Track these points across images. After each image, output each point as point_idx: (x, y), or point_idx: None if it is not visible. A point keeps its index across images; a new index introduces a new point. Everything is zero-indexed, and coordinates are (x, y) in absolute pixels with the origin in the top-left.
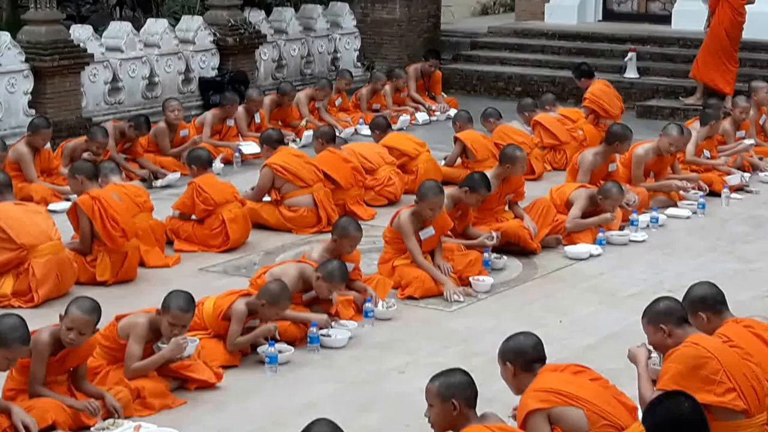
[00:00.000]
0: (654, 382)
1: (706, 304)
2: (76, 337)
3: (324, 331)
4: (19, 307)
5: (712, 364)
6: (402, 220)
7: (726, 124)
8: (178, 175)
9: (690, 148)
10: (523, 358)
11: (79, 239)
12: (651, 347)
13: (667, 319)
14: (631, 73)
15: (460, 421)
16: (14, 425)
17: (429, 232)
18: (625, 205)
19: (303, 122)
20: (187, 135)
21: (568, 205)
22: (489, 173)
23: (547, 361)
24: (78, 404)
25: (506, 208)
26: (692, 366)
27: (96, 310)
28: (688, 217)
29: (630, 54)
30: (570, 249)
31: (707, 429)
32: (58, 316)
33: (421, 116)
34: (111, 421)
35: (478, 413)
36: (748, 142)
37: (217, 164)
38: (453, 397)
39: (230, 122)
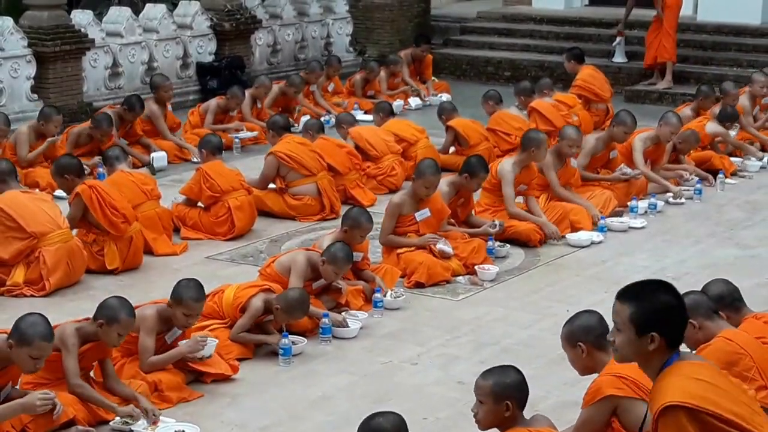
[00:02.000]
0: None
1: (724, 303)
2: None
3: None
4: (31, 295)
5: (746, 360)
6: (393, 201)
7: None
8: (164, 154)
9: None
10: (593, 335)
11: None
12: None
13: (696, 312)
14: (619, 58)
15: (509, 423)
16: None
17: (425, 213)
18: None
19: (297, 108)
20: None
21: (540, 170)
22: (511, 160)
23: (558, 352)
24: (105, 403)
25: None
26: (726, 362)
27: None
28: (682, 203)
29: (618, 38)
30: (571, 237)
31: None
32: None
33: (414, 101)
34: (128, 417)
35: None
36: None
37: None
38: (507, 398)
39: (233, 113)
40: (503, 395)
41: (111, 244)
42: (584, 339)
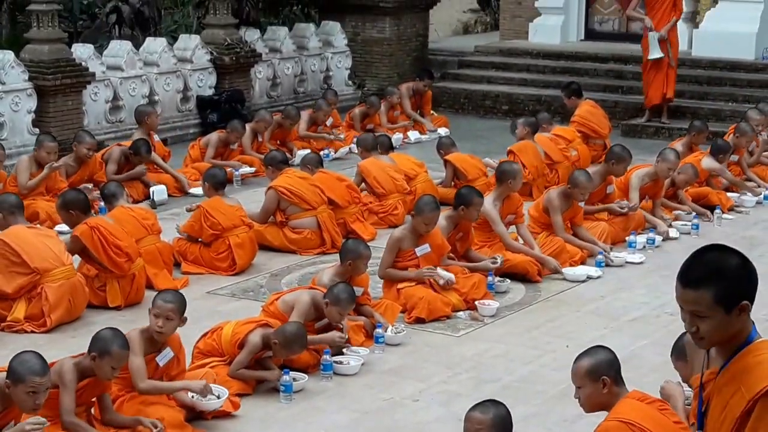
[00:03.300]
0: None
1: None
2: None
3: (337, 358)
4: (32, 331)
5: None
6: (393, 236)
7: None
8: (164, 187)
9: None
10: (615, 369)
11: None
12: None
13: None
14: (655, 53)
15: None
16: None
17: (425, 248)
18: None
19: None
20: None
21: (546, 210)
22: (490, 197)
23: (559, 388)
24: None
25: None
26: None
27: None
28: (676, 238)
29: (652, 34)
30: (568, 271)
31: None
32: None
33: (413, 135)
34: None
35: None
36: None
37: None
38: (602, 375)
39: (233, 146)
40: (598, 373)
41: (113, 281)
42: (608, 373)
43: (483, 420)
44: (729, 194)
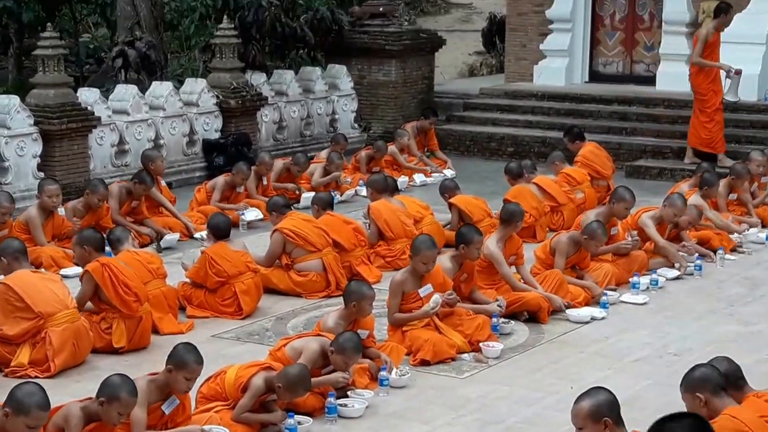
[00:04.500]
0: None
1: (727, 381)
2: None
3: (341, 401)
4: (36, 377)
5: None
6: (395, 280)
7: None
8: (177, 236)
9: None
10: (615, 410)
11: (76, 302)
12: None
13: (703, 387)
14: (730, 96)
15: None
16: None
17: (428, 289)
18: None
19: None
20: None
21: (552, 252)
22: (493, 238)
23: (562, 429)
24: None
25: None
26: None
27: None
28: (677, 277)
29: (736, 77)
30: (571, 313)
31: None
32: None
33: (419, 177)
34: None
35: None
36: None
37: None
38: (604, 416)
39: (240, 189)
40: (600, 415)
41: (120, 322)
42: (609, 415)
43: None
44: (732, 236)
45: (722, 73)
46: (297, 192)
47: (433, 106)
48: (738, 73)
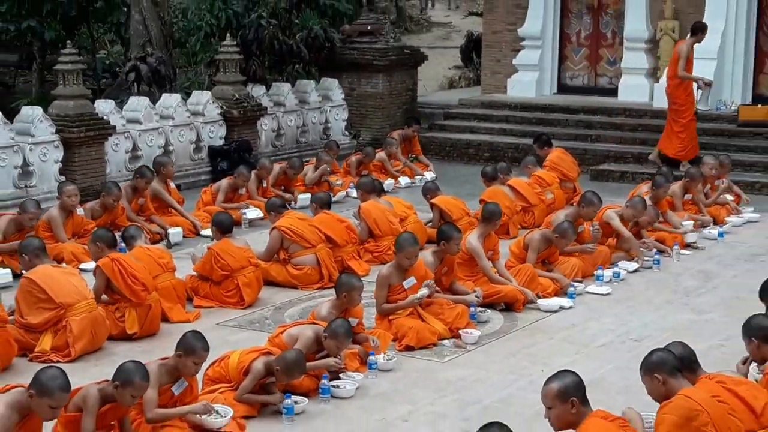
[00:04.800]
0: None
1: (683, 364)
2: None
3: (334, 383)
4: (57, 361)
5: (703, 417)
6: (381, 274)
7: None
8: (180, 230)
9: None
10: (581, 390)
11: (93, 294)
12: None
13: (661, 369)
14: (701, 105)
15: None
16: None
17: (411, 281)
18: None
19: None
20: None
21: (525, 247)
22: (474, 234)
23: (534, 409)
24: None
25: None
26: (686, 417)
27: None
28: (637, 270)
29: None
30: (542, 302)
31: None
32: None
33: (404, 180)
34: None
35: None
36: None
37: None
38: (570, 396)
39: (242, 190)
40: (567, 395)
41: (131, 310)
42: (575, 395)
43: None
44: (689, 234)
45: (695, 85)
46: (293, 202)
47: (417, 115)
48: (708, 84)
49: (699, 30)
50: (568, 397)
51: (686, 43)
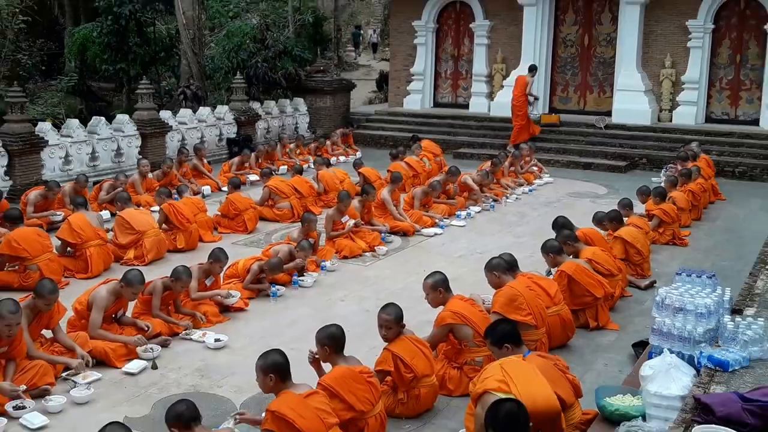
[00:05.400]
0: (487, 309)
1: (509, 265)
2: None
3: (300, 279)
4: (137, 265)
5: (520, 298)
6: (328, 213)
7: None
8: (209, 188)
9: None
10: (445, 283)
11: (157, 224)
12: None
13: (497, 268)
14: (533, 114)
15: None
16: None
17: (346, 218)
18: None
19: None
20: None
21: (412, 198)
22: (386, 189)
23: (418, 295)
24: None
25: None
26: (509, 297)
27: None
28: (479, 211)
29: (534, 102)
30: (425, 231)
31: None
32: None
33: (342, 158)
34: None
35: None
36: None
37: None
38: (438, 287)
39: (246, 164)
40: (436, 286)
41: (180, 234)
42: (442, 286)
43: (387, 317)
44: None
45: (530, 98)
46: (276, 171)
47: (351, 120)
48: (536, 98)
49: (535, 69)
50: (437, 287)
51: (528, 77)
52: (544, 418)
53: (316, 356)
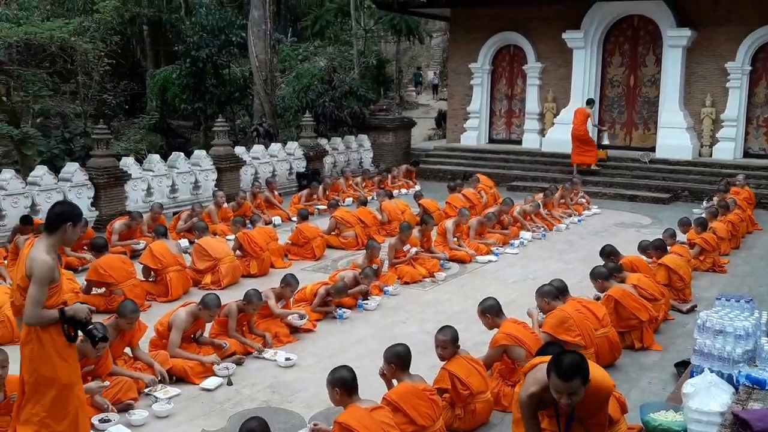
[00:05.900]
0: (540, 325)
1: (559, 291)
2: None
3: (364, 302)
4: (213, 290)
5: (570, 321)
6: (390, 242)
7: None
8: (279, 219)
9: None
10: (495, 308)
11: (232, 251)
12: (539, 309)
13: (547, 295)
14: (605, 140)
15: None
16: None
17: (408, 247)
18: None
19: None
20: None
21: (468, 229)
22: (451, 221)
23: (475, 317)
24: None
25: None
26: (560, 319)
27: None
28: (531, 240)
29: (605, 131)
30: (480, 258)
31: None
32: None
33: (403, 191)
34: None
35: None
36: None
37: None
38: (487, 312)
39: (314, 196)
40: (485, 312)
41: (253, 261)
42: (491, 312)
43: (443, 338)
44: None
45: (601, 128)
46: (341, 202)
47: (416, 159)
48: (605, 129)
49: (592, 102)
50: (485, 313)
51: (587, 109)
52: (597, 391)
53: (385, 372)
